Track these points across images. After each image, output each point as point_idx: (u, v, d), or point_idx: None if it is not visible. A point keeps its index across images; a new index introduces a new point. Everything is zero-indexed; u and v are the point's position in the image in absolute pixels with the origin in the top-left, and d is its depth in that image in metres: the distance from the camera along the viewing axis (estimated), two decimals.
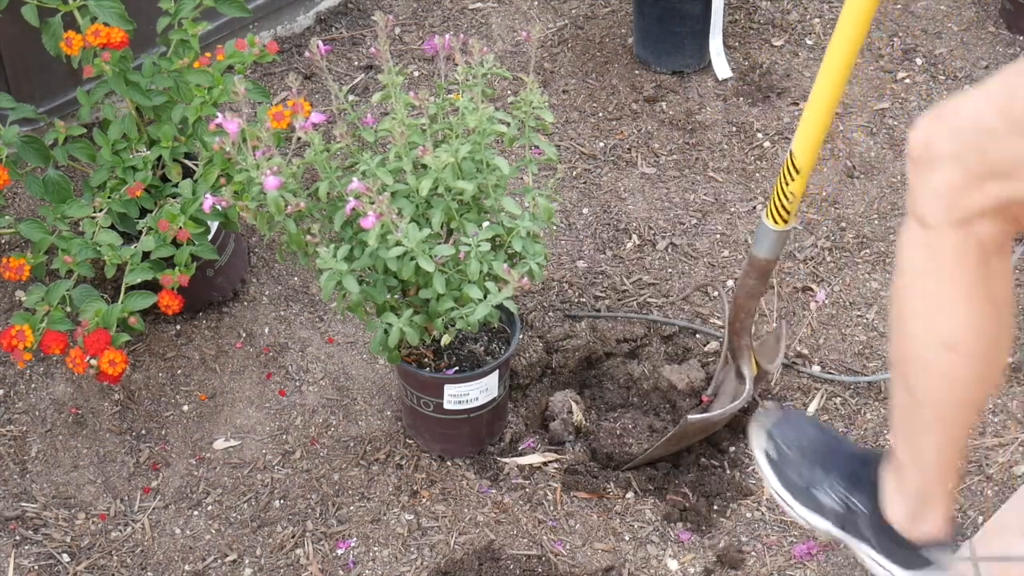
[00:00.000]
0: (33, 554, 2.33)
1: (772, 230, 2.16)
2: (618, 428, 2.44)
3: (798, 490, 2.06)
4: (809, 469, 2.05)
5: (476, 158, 2.18)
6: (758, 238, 2.19)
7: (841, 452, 2.05)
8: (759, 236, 2.19)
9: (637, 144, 3.08)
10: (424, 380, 2.31)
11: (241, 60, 2.44)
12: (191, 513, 2.40)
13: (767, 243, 2.19)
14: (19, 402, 2.55)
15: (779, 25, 3.37)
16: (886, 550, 1.98)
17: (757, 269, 2.24)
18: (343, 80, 3.22)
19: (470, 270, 2.12)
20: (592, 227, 2.89)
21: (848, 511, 2.00)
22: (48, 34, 2.42)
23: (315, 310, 2.72)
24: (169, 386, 2.59)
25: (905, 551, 1.96)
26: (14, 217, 2.71)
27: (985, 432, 2.49)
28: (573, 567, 2.29)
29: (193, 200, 2.37)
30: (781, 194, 2.10)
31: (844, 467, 2.03)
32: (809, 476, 2.04)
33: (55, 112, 2.89)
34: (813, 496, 2.04)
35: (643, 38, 3.23)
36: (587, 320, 2.66)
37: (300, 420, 2.53)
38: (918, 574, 1.98)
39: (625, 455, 2.43)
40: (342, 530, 2.36)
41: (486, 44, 3.29)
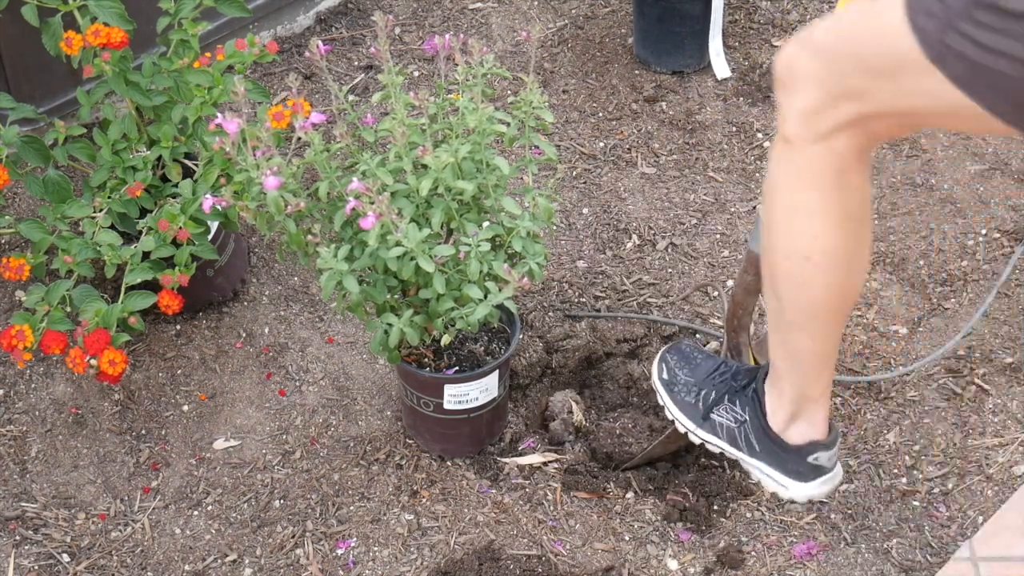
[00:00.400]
0: (33, 554, 2.33)
1: None
2: (618, 428, 2.44)
3: (692, 410, 2.20)
4: (698, 387, 2.20)
5: (476, 158, 2.18)
6: (755, 232, 2.19)
7: (728, 371, 2.19)
8: (757, 231, 2.19)
9: (637, 144, 3.08)
10: (424, 380, 2.31)
11: (241, 60, 2.44)
12: (191, 513, 2.40)
13: None
14: (19, 402, 2.55)
15: (779, 25, 3.37)
16: (776, 461, 2.12)
17: (755, 264, 2.24)
18: (343, 80, 3.22)
19: (470, 270, 2.12)
20: (592, 227, 2.89)
21: (738, 425, 2.14)
22: (48, 34, 2.42)
23: (315, 310, 2.72)
24: (169, 386, 2.59)
25: (791, 459, 2.10)
26: (14, 217, 2.71)
27: (985, 432, 2.49)
28: (573, 567, 2.29)
29: (193, 200, 2.37)
30: None
31: (730, 383, 2.17)
32: (698, 394, 2.19)
33: (55, 112, 2.89)
34: (706, 416, 2.18)
35: (643, 38, 3.23)
36: (587, 320, 2.66)
37: (300, 420, 2.53)
38: (810, 484, 2.12)
39: (625, 455, 2.43)
40: (342, 530, 2.36)
41: (486, 44, 3.29)
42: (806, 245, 1.83)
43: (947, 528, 2.35)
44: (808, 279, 1.86)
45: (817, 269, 1.84)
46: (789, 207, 1.84)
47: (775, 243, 1.88)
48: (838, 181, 1.79)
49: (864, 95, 1.70)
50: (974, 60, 1.55)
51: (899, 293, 2.74)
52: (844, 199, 1.81)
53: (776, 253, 1.89)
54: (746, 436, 2.14)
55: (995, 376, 2.58)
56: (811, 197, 1.81)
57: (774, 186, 1.86)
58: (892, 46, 1.63)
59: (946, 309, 2.71)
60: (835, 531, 2.34)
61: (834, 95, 1.73)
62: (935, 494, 2.40)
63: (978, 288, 2.74)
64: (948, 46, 1.56)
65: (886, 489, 2.41)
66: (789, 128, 1.79)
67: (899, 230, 2.86)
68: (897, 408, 2.54)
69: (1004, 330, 2.66)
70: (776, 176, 1.85)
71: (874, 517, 2.37)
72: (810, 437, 2.08)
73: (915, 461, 2.45)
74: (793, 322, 1.95)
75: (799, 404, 2.07)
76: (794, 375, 2.04)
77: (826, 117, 1.75)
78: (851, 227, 1.84)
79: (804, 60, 1.76)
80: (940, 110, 1.66)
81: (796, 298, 1.91)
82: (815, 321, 1.93)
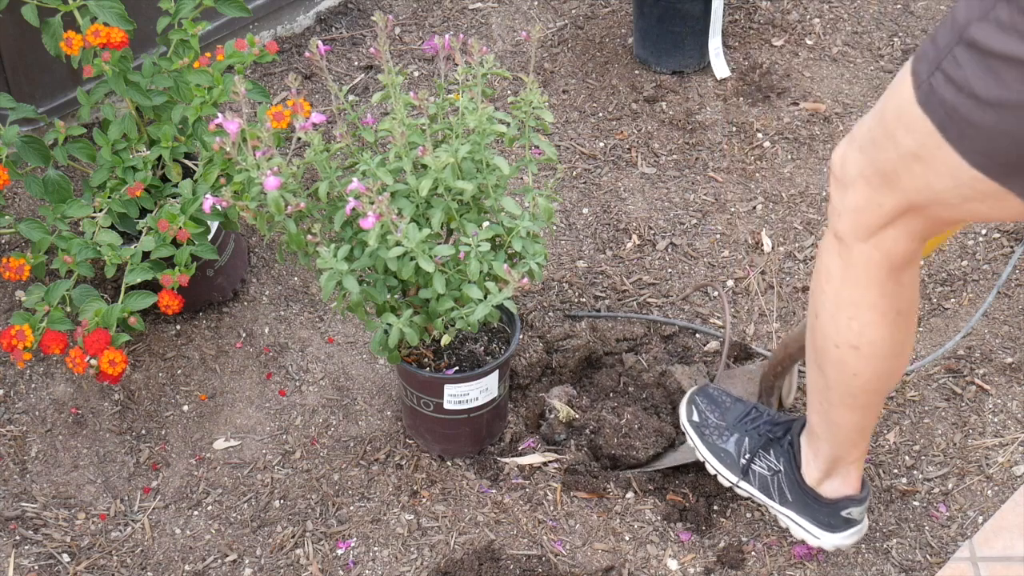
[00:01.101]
0: (33, 554, 2.33)
1: None
2: (624, 427, 2.44)
3: (725, 455, 2.25)
4: (729, 431, 2.25)
5: (476, 158, 2.18)
6: None
7: (760, 418, 2.24)
8: None
9: (637, 144, 3.08)
10: (424, 380, 2.31)
11: (241, 60, 2.44)
12: (191, 513, 2.40)
13: None
14: (19, 402, 2.55)
15: (779, 25, 3.37)
16: (808, 512, 2.18)
17: None
18: (343, 80, 3.22)
19: (470, 270, 2.12)
20: (592, 227, 2.89)
21: (772, 475, 2.20)
22: (48, 34, 2.42)
23: (315, 310, 2.72)
24: (169, 386, 2.59)
25: (824, 511, 2.16)
26: (14, 217, 2.71)
27: (985, 432, 2.49)
28: (573, 567, 2.29)
29: (193, 200, 2.37)
30: None
31: (764, 431, 2.22)
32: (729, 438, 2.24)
33: (55, 112, 2.89)
34: (745, 468, 2.22)
35: (643, 38, 3.23)
36: (587, 320, 2.66)
37: (300, 420, 2.53)
38: (839, 535, 2.18)
39: (632, 459, 2.42)
40: (342, 530, 2.36)
41: (486, 44, 3.29)
42: (855, 337, 1.87)
43: (947, 528, 2.35)
44: (856, 367, 1.91)
45: (865, 358, 1.89)
46: (838, 301, 1.86)
47: (824, 330, 1.91)
48: (888, 280, 1.81)
49: (899, 180, 1.69)
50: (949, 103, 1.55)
51: None
52: (893, 296, 1.84)
53: (825, 339, 1.92)
54: (779, 486, 2.20)
55: (995, 376, 2.58)
56: (860, 294, 1.84)
57: (825, 278, 1.87)
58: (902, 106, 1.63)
59: (946, 309, 2.71)
60: None
61: (876, 186, 1.72)
62: (935, 494, 2.40)
63: (978, 288, 2.74)
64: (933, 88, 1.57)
65: (886, 489, 2.41)
66: (841, 225, 1.80)
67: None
68: (897, 408, 2.53)
69: (1004, 330, 2.66)
70: (827, 268, 1.86)
71: (874, 517, 2.37)
72: (844, 493, 2.14)
73: (915, 461, 2.45)
74: (837, 400, 1.99)
75: (834, 464, 2.12)
76: (832, 442, 2.09)
77: (873, 213, 1.75)
78: (900, 321, 1.87)
79: (852, 154, 1.76)
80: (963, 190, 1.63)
81: (843, 382, 1.95)
82: (859, 401, 1.98)
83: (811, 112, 3.14)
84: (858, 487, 2.15)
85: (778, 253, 2.82)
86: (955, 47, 1.53)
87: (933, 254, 2.81)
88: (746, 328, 2.67)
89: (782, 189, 2.96)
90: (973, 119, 1.53)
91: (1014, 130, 1.51)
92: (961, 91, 1.53)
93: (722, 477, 2.25)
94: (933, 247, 2.05)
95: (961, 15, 1.54)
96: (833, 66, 3.26)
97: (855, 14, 3.41)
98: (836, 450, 2.10)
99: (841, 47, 3.32)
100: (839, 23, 3.39)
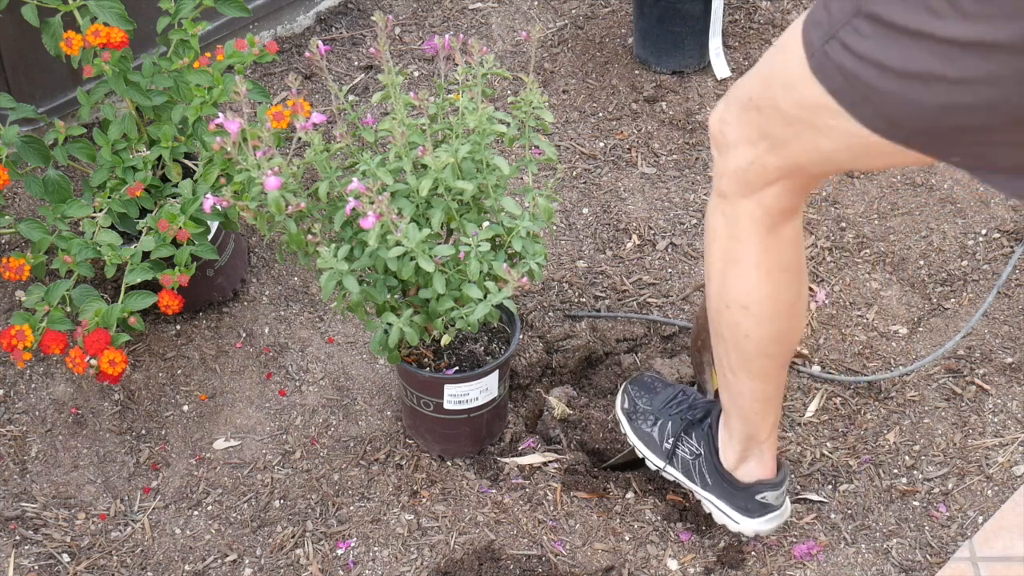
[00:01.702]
0: (33, 554, 2.33)
1: None
2: (611, 421, 2.44)
3: (649, 440, 2.29)
4: (655, 415, 2.28)
5: (476, 158, 2.18)
6: None
7: (685, 403, 2.27)
8: None
9: (637, 144, 3.08)
10: (424, 380, 2.31)
11: (241, 60, 2.44)
12: (191, 513, 2.40)
13: None
14: (19, 402, 2.55)
15: (779, 25, 3.37)
16: (726, 496, 2.21)
17: None
18: (343, 80, 3.22)
19: (470, 270, 2.12)
20: (592, 227, 2.89)
21: (694, 459, 2.23)
22: (48, 34, 2.42)
23: (315, 310, 2.72)
24: (169, 386, 2.59)
25: (740, 495, 2.20)
26: (14, 217, 2.71)
27: (985, 432, 2.49)
28: (573, 567, 2.29)
29: (193, 200, 2.37)
30: None
31: (685, 415, 2.25)
32: (655, 423, 2.28)
33: (55, 112, 2.89)
34: (664, 446, 2.26)
35: (643, 38, 3.23)
36: (587, 320, 2.66)
37: (300, 420, 2.53)
38: (758, 520, 2.22)
39: (616, 452, 2.43)
40: (342, 530, 2.36)
41: (486, 44, 3.29)
42: (743, 296, 1.91)
43: (947, 528, 2.35)
44: (748, 327, 1.94)
45: (756, 318, 1.92)
46: (725, 259, 1.90)
47: (716, 291, 1.95)
48: (769, 235, 1.85)
49: (786, 144, 1.73)
50: (849, 70, 1.56)
51: (899, 293, 2.74)
52: (776, 252, 1.87)
53: (716, 300, 1.96)
54: (700, 470, 2.23)
55: (995, 376, 2.58)
56: (744, 250, 1.87)
57: (711, 238, 1.91)
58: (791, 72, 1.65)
59: (946, 309, 2.71)
60: (835, 531, 2.34)
61: (761, 149, 1.76)
62: (935, 494, 2.40)
63: (978, 288, 2.74)
64: (828, 55, 1.58)
65: (886, 489, 2.41)
66: (724, 185, 1.84)
67: (899, 230, 2.86)
68: (897, 408, 2.54)
69: (1004, 330, 2.66)
70: (713, 227, 1.90)
71: (874, 517, 2.37)
72: (758, 476, 2.18)
73: (915, 461, 2.45)
74: (736, 366, 2.02)
75: (747, 444, 2.15)
76: (741, 416, 2.12)
77: (756, 173, 1.79)
78: (785, 278, 1.90)
79: (732, 117, 1.80)
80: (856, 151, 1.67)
81: (738, 345, 1.98)
82: (756, 365, 2.00)
83: None
84: (773, 471, 2.17)
85: None
86: (854, 18, 1.53)
87: (934, 254, 2.81)
88: None
89: None
90: (878, 87, 1.54)
91: (921, 99, 1.51)
92: (862, 60, 1.54)
93: (649, 461, 2.29)
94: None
95: None
96: None
97: None
98: (746, 426, 2.11)
99: None
100: None
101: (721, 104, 1.83)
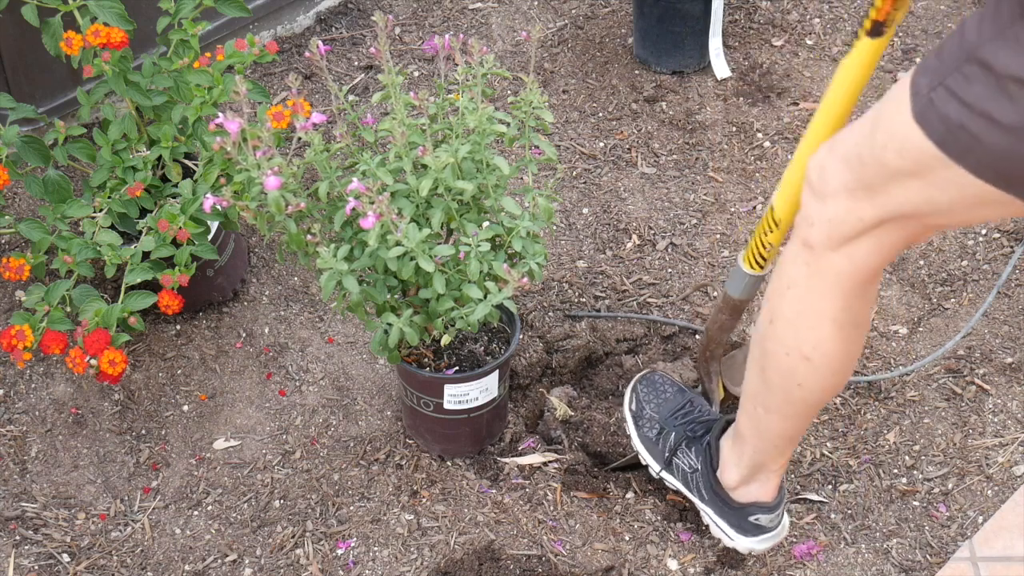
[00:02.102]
0: (33, 554, 2.33)
1: (748, 274, 2.19)
2: (613, 424, 2.44)
3: (653, 448, 2.28)
4: (660, 424, 2.27)
5: (476, 158, 2.18)
6: (733, 278, 2.21)
7: (691, 414, 2.26)
8: (734, 277, 2.21)
9: (637, 144, 3.08)
10: (424, 380, 2.31)
11: (241, 60, 2.44)
12: (191, 513, 2.40)
13: (742, 285, 2.21)
14: (19, 402, 2.55)
15: (779, 25, 3.37)
16: (721, 512, 2.20)
17: (730, 307, 2.27)
18: (343, 80, 3.22)
19: (470, 270, 2.12)
20: (592, 227, 2.89)
21: (692, 472, 2.22)
22: (48, 34, 2.42)
23: (315, 310, 2.72)
24: (169, 386, 2.59)
25: (733, 515, 2.19)
26: (14, 217, 2.71)
27: (985, 432, 2.49)
28: (573, 567, 2.29)
29: (193, 200, 2.37)
30: (760, 243, 2.11)
31: (688, 429, 2.24)
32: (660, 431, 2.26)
33: (55, 112, 2.89)
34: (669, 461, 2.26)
35: (643, 38, 3.23)
36: (587, 320, 2.66)
37: (300, 420, 2.53)
38: (752, 539, 2.21)
39: (618, 456, 2.43)
40: (342, 530, 2.36)
41: (486, 44, 3.29)
42: (809, 348, 1.85)
43: (947, 528, 2.35)
44: (803, 377, 1.89)
45: (816, 370, 1.87)
46: (800, 309, 1.84)
47: (778, 336, 1.89)
48: (852, 292, 1.79)
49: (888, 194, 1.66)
50: (954, 119, 1.51)
51: (899, 293, 2.74)
52: (855, 310, 1.81)
53: (776, 344, 1.90)
54: (697, 484, 2.23)
55: (995, 376, 2.58)
56: (824, 305, 1.81)
57: (785, 284, 1.84)
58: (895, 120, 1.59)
59: (946, 309, 2.71)
60: (835, 531, 2.34)
61: (859, 199, 1.69)
62: (935, 494, 2.40)
63: (978, 288, 2.74)
64: (933, 102, 1.53)
65: (886, 489, 2.41)
66: (813, 234, 1.77)
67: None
68: (897, 408, 2.54)
69: (1004, 330, 2.66)
70: (791, 275, 1.83)
71: (874, 517, 2.37)
72: (755, 498, 2.16)
73: (915, 461, 2.45)
74: (774, 407, 1.98)
75: (756, 470, 2.13)
76: (758, 447, 2.09)
77: (850, 225, 1.72)
78: (856, 335, 1.85)
79: (834, 165, 1.72)
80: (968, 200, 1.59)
81: (785, 389, 1.93)
82: (795, 410, 1.97)
83: (811, 112, 3.14)
84: (773, 495, 2.15)
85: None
86: (964, 64, 1.49)
87: (934, 254, 2.81)
88: (746, 328, 2.67)
89: None
90: (984, 139, 1.49)
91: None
92: (969, 109, 1.49)
93: (651, 469, 2.29)
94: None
95: (971, 32, 1.50)
96: (833, 66, 3.26)
97: (855, 14, 3.41)
98: (760, 456, 2.10)
99: (841, 47, 3.32)
100: (839, 23, 3.39)
101: (823, 149, 1.76)
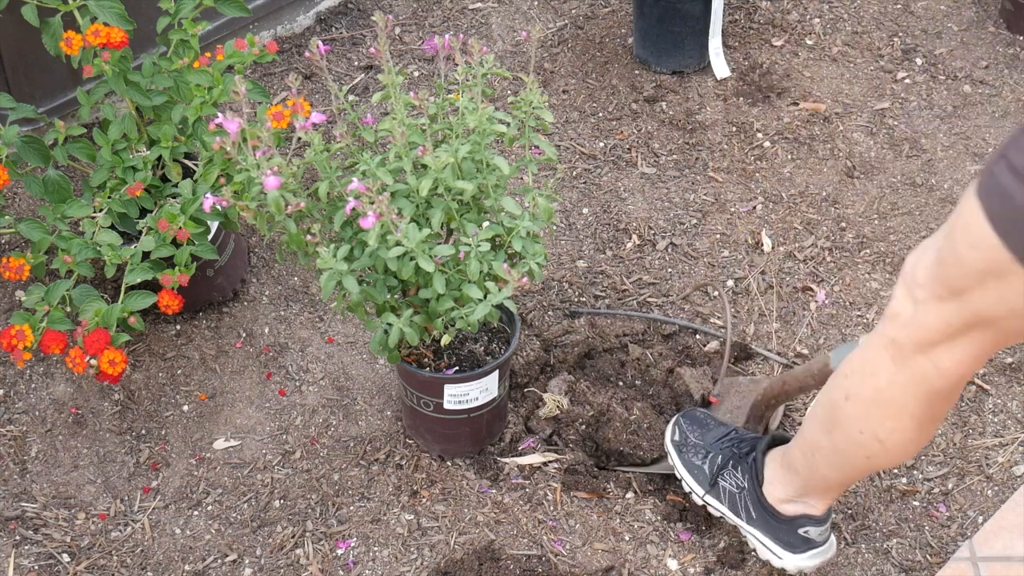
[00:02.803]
0: (33, 554, 2.33)
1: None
2: (633, 423, 2.43)
3: (699, 473, 2.27)
4: (706, 450, 2.26)
5: (476, 158, 2.18)
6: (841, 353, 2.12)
7: (736, 439, 2.25)
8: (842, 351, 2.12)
9: (637, 144, 3.08)
10: (424, 380, 2.31)
11: (241, 60, 2.44)
12: (191, 513, 2.40)
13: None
14: (19, 402, 2.55)
15: (779, 25, 3.37)
16: (769, 530, 2.19)
17: (823, 378, 2.20)
18: (343, 80, 3.22)
19: (470, 270, 2.12)
20: (592, 227, 2.89)
21: (739, 492, 2.21)
22: (48, 34, 2.42)
23: (315, 310, 2.72)
24: (169, 386, 2.59)
25: (782, 529, 2.17)
26: (14, 217, 2.71)
27: (985, 432, 2.49)
28: (573, 567, 2.29)
29: (193, 200, 2.37)
30: None
31: (732, 450, 2.24)
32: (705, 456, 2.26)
33: (55, 112, 2.89)
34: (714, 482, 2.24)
35: (643, 38, 3.23)
36: (586, 317, 2.66)
37: (300, 420, 2.53)
38: (801, 556, 2.19)
39: (636, 459, 2.42)
40: (342, 530, 2.36)
41: (486, 44, 3.29)
42: (885, 434, 1.85)
43: (947, 528, 2.35)
44: (874, 452, 1.90)
45: (888, 452, 1.88)
46: (879, 399, 1.83)
47: (853, 414, 1.88)
48: (937, 397, 1.78)
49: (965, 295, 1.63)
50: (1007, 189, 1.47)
51: None
52: (937, 408, 1.81)
53: (850, 422, 1.89)
54: (745, 503, 2.21)
55: (995, 376, 2.58)
56: (905, 402, 1.80)
57: (870, 371, 1.83)
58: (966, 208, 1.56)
59: None
60: (835, 531, 2.34)
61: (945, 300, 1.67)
62: (935, 494, 2.40)
63: None
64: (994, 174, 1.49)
65: (886, 489, 2.41)
66: (904, 335, 1.75)
67: (899, 230, 2.86)
68: None
69: None
70: (873, 364, 1.82)
71: (874, 517, 2.37)
72: (803, 512, 2.15)
73: (915, 461, 2.45)
74: (835, 464, 2.00)
75: (804, 497, 2.14)
76: (810, 484, 2.10)
77: (938, 330, 1.70)
78: (932, 428, 1.85)
79: (926, 261, 1.69)
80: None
81: (852, 455, 1.94)
82: (856, 470, 2.00)
83: (811, 112, 3.14)
84: (822, 511, 2.15)
85: (778, 253, 2.82)
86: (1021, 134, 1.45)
87: None
88: (746, 328, 2.67)
89: (782, 189, 2.96)
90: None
91: None
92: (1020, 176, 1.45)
93: (695, 495, 2.27)
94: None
95: None
96: (833, 66, 3.26)
97: (855, 14, 3.41)
98: (811, 489, 2.12)
99: (841, 47, 3.32)
100: (839, 23, 3.39)
101: (920, 247, 1.72)
